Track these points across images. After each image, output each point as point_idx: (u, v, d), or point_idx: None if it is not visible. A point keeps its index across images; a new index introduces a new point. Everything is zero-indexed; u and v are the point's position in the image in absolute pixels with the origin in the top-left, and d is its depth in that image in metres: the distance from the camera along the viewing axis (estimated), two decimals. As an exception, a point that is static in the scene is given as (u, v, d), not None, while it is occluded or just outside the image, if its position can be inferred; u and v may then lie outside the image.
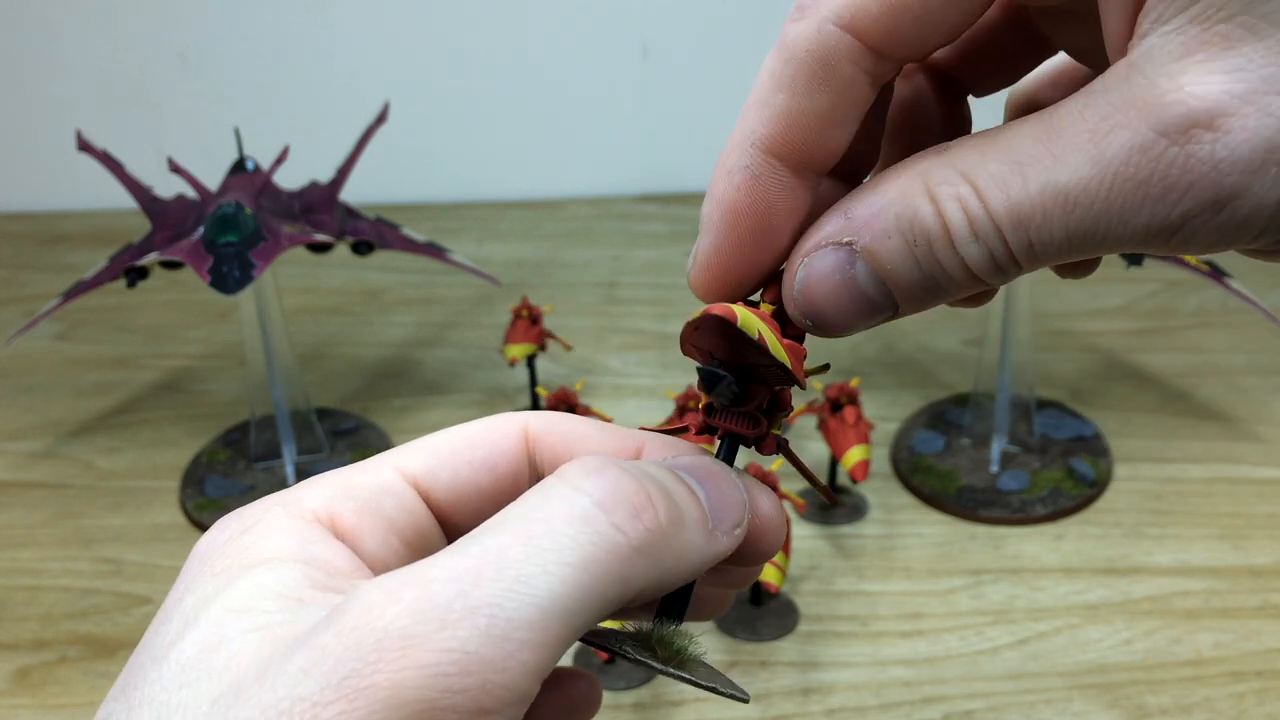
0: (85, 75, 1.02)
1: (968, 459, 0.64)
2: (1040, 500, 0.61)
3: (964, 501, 0.61)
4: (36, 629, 0.54)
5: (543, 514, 0.22)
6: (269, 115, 0.90)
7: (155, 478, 0.66)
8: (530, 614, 0.21)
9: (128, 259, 0.58)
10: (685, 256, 1.04)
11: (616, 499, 0.23)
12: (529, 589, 0.21)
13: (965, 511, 0.61)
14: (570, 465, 0.24)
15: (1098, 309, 0.82)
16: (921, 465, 0.64)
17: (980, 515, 0.60)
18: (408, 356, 0.79)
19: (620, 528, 0.23)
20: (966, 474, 0.63)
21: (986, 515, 0.60)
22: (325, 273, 0.91)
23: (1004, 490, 0.61)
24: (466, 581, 0.21)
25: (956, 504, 0.61)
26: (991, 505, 0.61)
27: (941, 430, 0.67)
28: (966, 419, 0.67)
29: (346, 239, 0.62)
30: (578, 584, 0.22)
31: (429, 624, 0.20)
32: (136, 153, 0.64)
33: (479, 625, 0.20)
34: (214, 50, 1.01)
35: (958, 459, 0.64)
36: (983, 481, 0.62)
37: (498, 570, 0.21)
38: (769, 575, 0.49)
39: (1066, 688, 0.49)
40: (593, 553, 0.22)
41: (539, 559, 0.22)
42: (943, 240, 0.23)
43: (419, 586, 0.21)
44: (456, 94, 1.03)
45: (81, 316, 0.85)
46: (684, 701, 0.49)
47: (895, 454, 0.66)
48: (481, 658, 0.20)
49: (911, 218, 0.24)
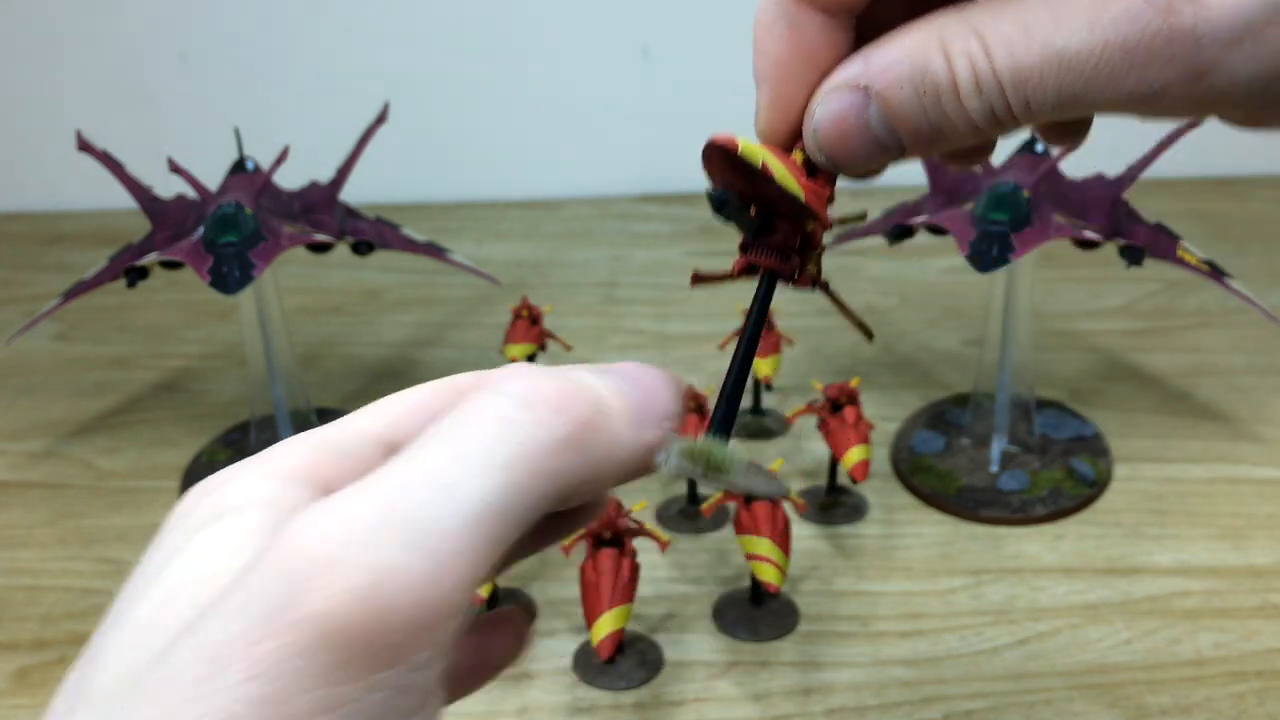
0: (85, 75, 1.02)
1: (968, 459, 0.64)
2: (1040, 500, 0.61)
3: (964, 501, 0.61)
4: (36, 629, 0.54)
5: (467, 421, 0.22)
6: (269, 115, 0.90)
7: (155, 478, 0.66)
8: (458, 521, 0.20)
9: (128, 259, 0.58)
10: (685, 256, 1.05)
11: (538, 396, 0.23)
12: (456, 496, 0.21)
13: (965, 511, 0.61)
14: (492, 372, 0.24)
15: (1098, 309, 0.82)
16: (921, 465, 0.64)
17: (980, 515, 0.60)
18: (408, 356, 0.79)
19: (543, 423, 0.22)
20: (966, 474, 0.63)
21: (987, 515, 0.60)
22: (325, 273, 0.91)
23: (1004, 490, 0.61)
24: (394, 496, 0.21)
25: (956, 504, 0.61)
26: (991, 505, 0.61)
27: (942, 430, 0.66)
28: (966, 419, 0.66)
29: (346, 239, 0.62)
30: (506, 484, 0.21)
31: (356, 545, 0.20)
32: (136, 153, 0.64)
33: (408, 539, 0.20)
34: (214, 50, 1.01)
35: (958, 459, 0.64)
36: (983, 481, 0.62)
37: (424, 481, 0.21)
38: (769, 575, 0.48)
39: (1066, 688, 0.49)
40: (518, 450, 0.22)
41: (464, 464, 0.21)
42: (950, 93, 0.25)
43: (345, 509, 0.20)
44: (457, 94, 1.03)
45: (81, 316, 0.85)
46: (684, 702, 0.49)
47: (895, 454, 0.65)
48: (413, 572, 0.20)
49: (924, 70, 0.26)
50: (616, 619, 0.45)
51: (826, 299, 0.30)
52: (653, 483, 0.64)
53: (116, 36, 1.01)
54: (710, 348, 0.77)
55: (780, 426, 0.68)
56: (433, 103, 1.02)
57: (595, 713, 0.48)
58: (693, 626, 0.53)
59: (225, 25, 1.00)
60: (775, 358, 0.65)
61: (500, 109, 1.04)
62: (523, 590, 0.56)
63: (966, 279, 0.89)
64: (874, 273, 0.90)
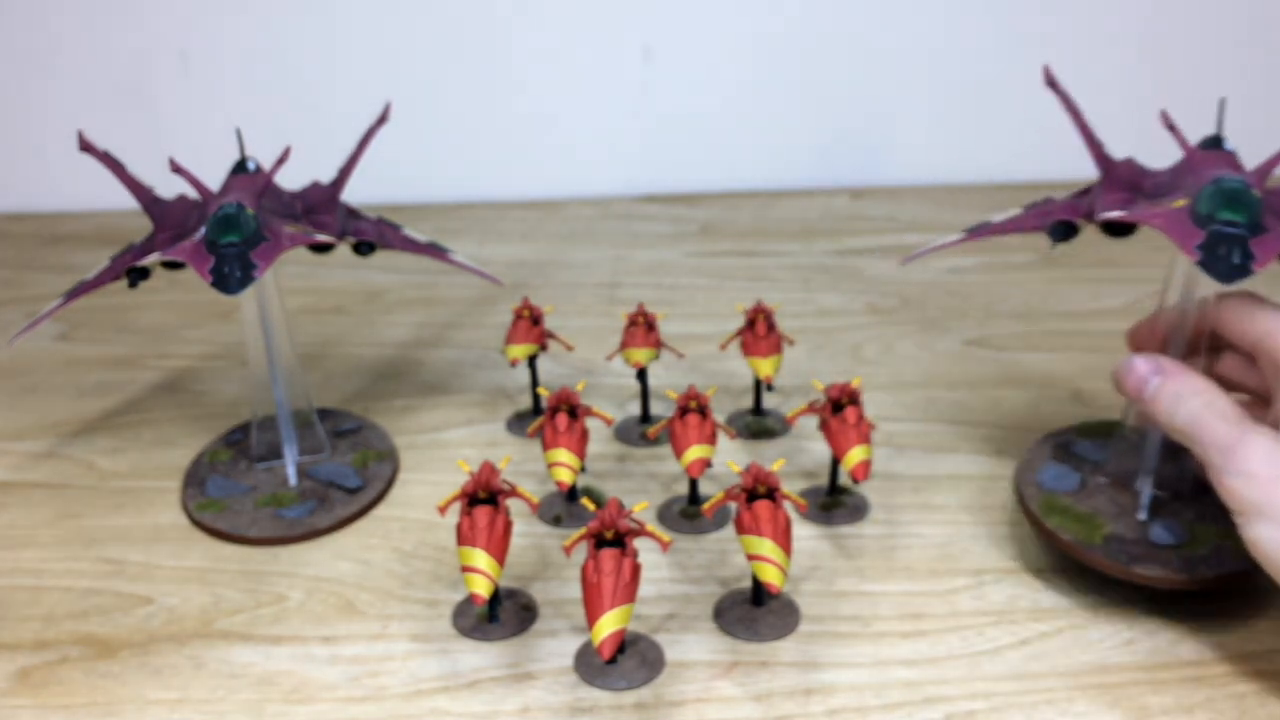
0: (85, 75, 1.02)
1: (1109, 501, 0.55)
2: (1204, 560, 0.51)
3: (1113, 553, 0.52)
4: (38, 629, 0.54)
5: None
6: (270, 115, 0.90)
7: (157, 478, 0.66)
8: None
9: (129, 259, 0.58)
10: (686, 257, 1.04)
11: None
12: None
13: (1116, 566, 0.52)
14: None
15: (1098, 309, 0.83)
16: (1056, 505, 0.56)
17: (1135, 572, 0.52)
18: (409, 357, 0.79)
19: None
20: (1111, 519, 0.54)
21: (1143, 573, 0.51)
22: (327, 273, 0.91)
23: (1158, 544, 0.53)
24: None
25: (1104, 555, 0.52)
26: (1146, 561, 0.52)
27: (1074, 465, 0.58)
28: (1107, 455, 0.58)
29: (348, 239, 0.62)
30: None
31: None
32: (137, 153, 0.64)
33: None
34: (214, 50, 1.01)
35: (1096, 500, 0.56)
36: (1131, 530, 0.53)
37: None
38: (770, 576, 0.48)
39: (1068, 688, 0.49)
40: None
41: None
42: None
43: None
44: (458, 94, 1.03)
45: (83, 317, 0.85)
46: (685, 702, 0.49)
47: (1021, 488, 0.58)
48: None
49: (1186, 428, 0.49)
50: (618, 619, 0.45)
51: None
52: (654, 483, 0.64)
53: (116, 36, 1.01)
54: (710, 348, 0.77)
55: (781, 426, 0.68)
56: (434, 103, 1.02)
57: (596, 713, 0.48)
58: (694, 627, 0.53)
59: (225, 25, 1.00)
60: (776, 358, 0.65)
61: (502, 109, 1.04)
62: (523, 590, 0.56)
63: (966, 279, 0.89)
64: (874, 273, 0.90)
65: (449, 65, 1.02)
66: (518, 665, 0.51)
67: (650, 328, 0.67)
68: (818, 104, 1.05)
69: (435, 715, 0.49)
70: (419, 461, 0.66)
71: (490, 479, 0.51)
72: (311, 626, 0.54)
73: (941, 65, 1.03)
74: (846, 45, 1.02)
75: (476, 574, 0.49)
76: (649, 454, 0.66)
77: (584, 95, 1.04)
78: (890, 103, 1.05)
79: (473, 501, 0.51)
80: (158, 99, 1.03)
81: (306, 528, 0.60)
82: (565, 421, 0.57)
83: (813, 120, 1.06)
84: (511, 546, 0.52)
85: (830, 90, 1.04)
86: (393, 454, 0.66)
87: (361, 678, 0.51)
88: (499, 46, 1.02)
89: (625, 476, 0.64)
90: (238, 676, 0.51)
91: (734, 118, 1.05)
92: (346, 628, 0.54)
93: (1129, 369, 0.52)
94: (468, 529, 0.50)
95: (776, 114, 1.05)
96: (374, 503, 0.63)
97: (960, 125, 1.06)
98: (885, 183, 1.08)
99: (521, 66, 1.03)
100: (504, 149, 1.06)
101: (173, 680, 0.51)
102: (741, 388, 0.72)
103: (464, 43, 1.01)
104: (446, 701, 0.49)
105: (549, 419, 0.58)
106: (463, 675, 0.51)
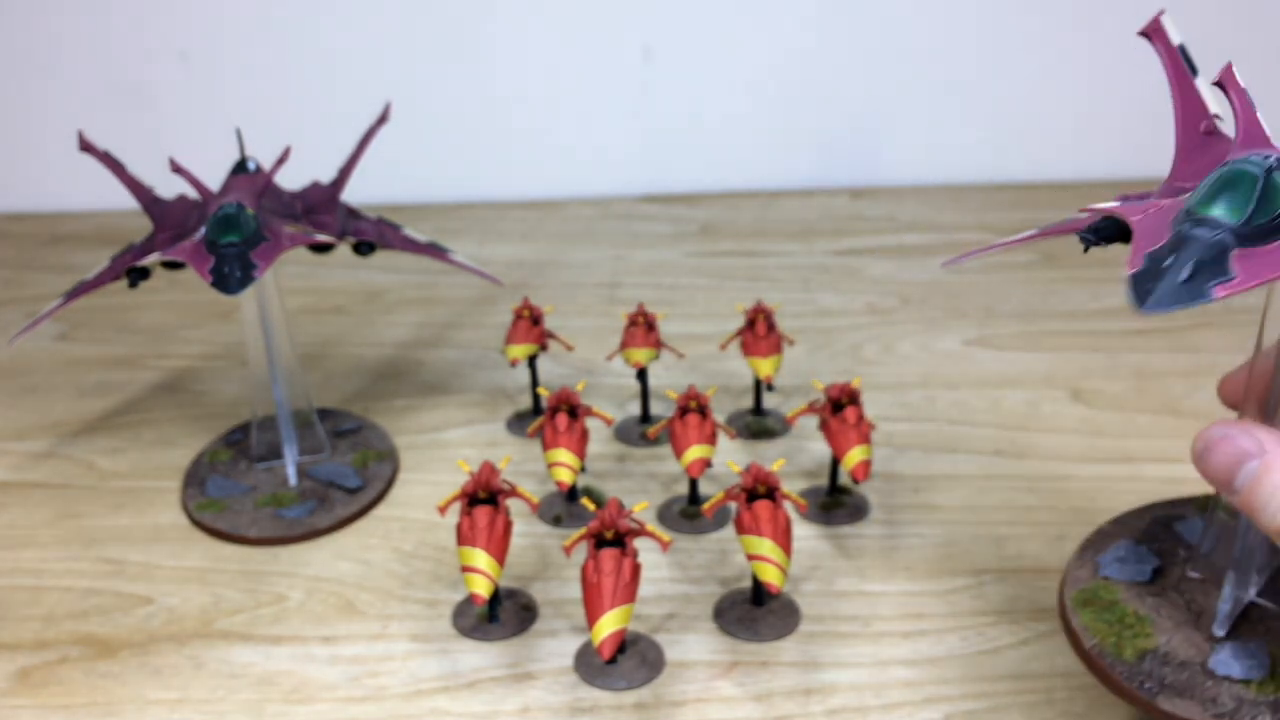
0: (85, 75, 1.02)
1: (1182, 606, 0.43)
2: (1270, 705, 0.39)
3: (1137, 675, 0.40)
4: (38, 629, 0.54)
5: None
6: (269, 115, 0.89)
7: (157, 478, 0.66)
8: None
9: (129, 259, 0.58)
10: (686, 257, 1.04)
11: None
12: None
13: (1138, 696, 0.40)
14: None
15: (1098, 309, 0.83)
16: (1098, 596, 0.43)
17: (1161, 708, 0.39)
18: (409, 357, 0.79)
19: None
20: (1167, 631, 0.42)
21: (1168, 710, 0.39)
22: (327, 273, 0.91)
23: (1218, 674, 0.40)
24: None
25: (1127, 677, 0.40)
26: (1189, 695, 0.39)
27: (1159, 548, 0.46)
28: (1206, 542, 0.44)
29: (348, 239, 0.62)
30: None
31: None
32: (137, 153, 0.64)
33: None
34: (214, 50, 1.01)
35: (1164, 600, 0.43)
36: (1188, 650, 0.41)
37: None
38: (770, 576, 0.49)
39: (1069, 688, 0.49)
40: None
41: None
42: None
43: None
44: (458, 94, 1.03)
45: (83, 317, 0.85)
46: (685, 702, 0.49)
47: (1070, 568, 0.46)
48: None
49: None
50: (618, 619, 0.45)
51: None
52: (654, 483, 0.64)
53: (116, 36, 1.01)
54: (710, 348, 0.77)
55: (781, 426, 0.68)
56: (434, 103, 1.02)
57: (596, 713, 0.48)
58: (694, 627, 0.53)
59: (225, 25, 1.00)
60: (776, 358, 0.65)
61: (501, 109, 1.04)
62: (523, 590, 0.56)
63: (967, 279, 0.89)
64: (874, 273, 0.90)
65: (449, 65, 1.02)
66: (518, 665, 0.51)
67: (650, 328, 0.67)
68: (818, 104, 1.05)
69: (435, 715, 0.49)
70: (419, 461, 0.66)
71: (490, 479, 0.51)
72: (311, 626, 0.54)
73: (941, 65, 1.03)
74: (846, 45, 1.02)
75: (476, 574, 0.49)
76: (649, 454, 0.66)
77: (584, 95, 1.04)
78: (890, 103, 1.05)
79: (473, 501, 0.51)
80: (158, 99, 1.03)
81: (306, 528, 0.60)
82: (565, 421, 0.57)
83: (813, 120, 1.06)
84: (511, 546, 0.52)
85: (830, 90, 1.04)
86: (393, 454, 0.66)
87: (361, 678, 0.51)
88: (499, 46, 1.02)
89: (625, 476, 0.64)
90: (238, 676, 0.51)
91: (734, 118, 1.05)
92: (346, 628, 0.54)
93: (1214, 444, 0.38)
94: (468, 529, 0.50)
95: (776, 114, 1.05)
96: (374, 503, 0.63)
97: (960, 125, 1.06)
98: (885, 183, 1.08)
99: (522, 66, 1.03)
100: (504, 149, 1.06)
101: (173, 680, 0.51)
102: (741, 388, 0.72)
103: (464, 43, 1.01)
104: (446, 701, 0.49)
105: (549, 419, 0.58)
106: (463, 675, 0.51)
